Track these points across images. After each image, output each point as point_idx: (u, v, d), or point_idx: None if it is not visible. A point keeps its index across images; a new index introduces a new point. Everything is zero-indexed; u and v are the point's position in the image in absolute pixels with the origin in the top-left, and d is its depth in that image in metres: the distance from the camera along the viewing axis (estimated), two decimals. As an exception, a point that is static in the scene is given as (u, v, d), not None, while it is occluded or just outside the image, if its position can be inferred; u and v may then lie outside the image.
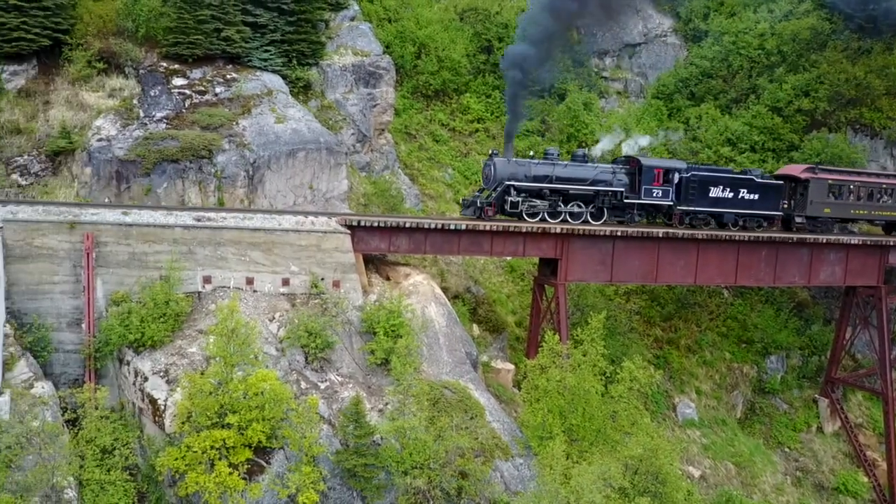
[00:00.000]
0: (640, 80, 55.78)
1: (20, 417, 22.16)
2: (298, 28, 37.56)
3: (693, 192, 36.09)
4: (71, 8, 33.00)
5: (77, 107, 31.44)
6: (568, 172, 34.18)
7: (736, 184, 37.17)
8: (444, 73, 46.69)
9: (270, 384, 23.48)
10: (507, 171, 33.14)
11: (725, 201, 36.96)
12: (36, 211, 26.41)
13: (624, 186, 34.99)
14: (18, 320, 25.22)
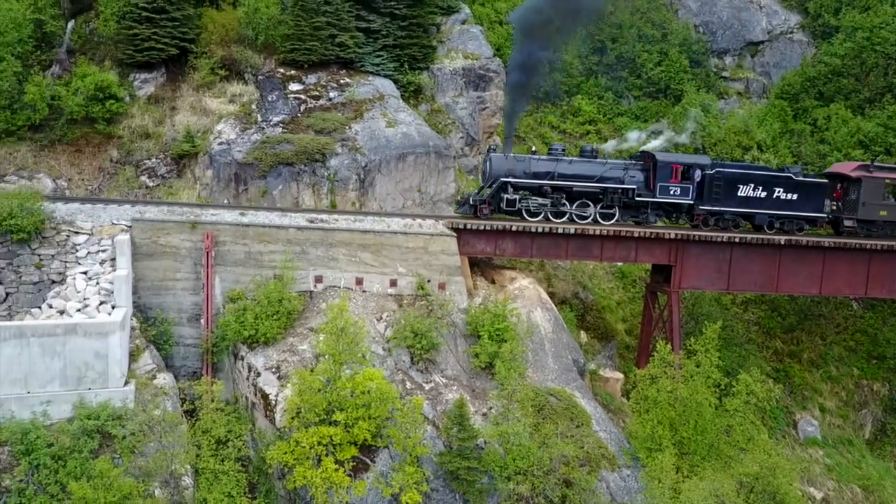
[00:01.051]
0: (762, 79, 53.19)
1: (143, 406, 23.46)
2: (410, 33, 38.10)
3: (718, 190, 33.31)
4: (197, 18, 34.83)
5: (200, 112, 33.12)
6: (572, 169, 32.35)
7: (770, 182, 33.91)
8: (556, 75, 46.15)
9: (377, 383, 23.81)
10: (504, 167, 31.78)
11: (757, 201, 33.79)
12: (161, 211, 27.95)
13: (637, 184, 32.76)
14: (144, 314, 26.75)
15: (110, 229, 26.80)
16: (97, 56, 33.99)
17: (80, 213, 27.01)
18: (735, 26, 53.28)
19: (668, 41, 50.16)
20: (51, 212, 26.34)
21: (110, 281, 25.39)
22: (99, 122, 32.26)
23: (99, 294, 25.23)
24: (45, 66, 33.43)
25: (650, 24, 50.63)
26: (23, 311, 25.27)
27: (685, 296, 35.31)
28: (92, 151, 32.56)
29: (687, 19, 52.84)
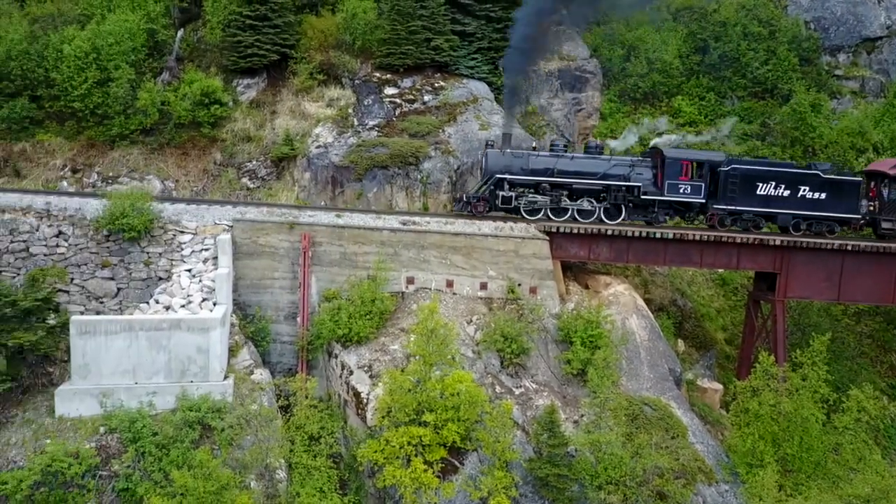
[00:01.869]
0: (879, 77, 50.12)
1: (241, 400, 24.40)
2: (505, 35, 38.04)
3: (734, 188, 31.27)
4: (297, 25, 35.99)
5: (299, 116, 34.19)
6: (573, 165, 31.07)
7: (794, 180, 31.61)
8: (655, 76, 45.06)
9: (466, 386, 23.85)
10: (500, 163, 30.70)
11: (779, 200, 31.55)
12: (261, 212, 28.97)
13: (644, 181, 31.24)
14: (243, 311, 27.80)
15: (213, 229, 28.00)
16: (203, 63, 35.65)
17: (186, 214, 28.34)
18: (850, 22, 50.50)
19: (776, 38, 48.06)
20: (159, 212, 27.77)
21: (212, 279, 26.54)
22: (204, 126, 33.79)
23: (201, 291, 26.40)
24: (156, 73, 35.32)
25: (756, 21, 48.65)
26: (132, 305, 26.75)
27: (791, 305, 33.68)
28: (197, 154, 34.14)
29: (797, 15, 50.48)
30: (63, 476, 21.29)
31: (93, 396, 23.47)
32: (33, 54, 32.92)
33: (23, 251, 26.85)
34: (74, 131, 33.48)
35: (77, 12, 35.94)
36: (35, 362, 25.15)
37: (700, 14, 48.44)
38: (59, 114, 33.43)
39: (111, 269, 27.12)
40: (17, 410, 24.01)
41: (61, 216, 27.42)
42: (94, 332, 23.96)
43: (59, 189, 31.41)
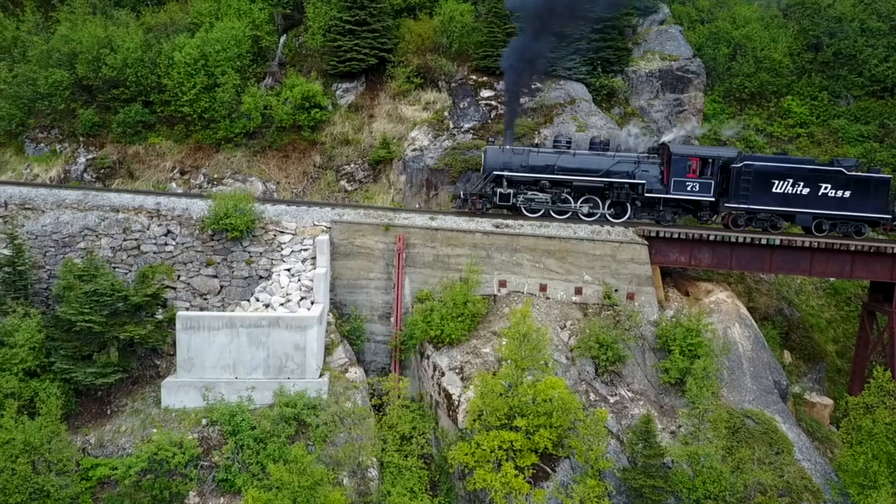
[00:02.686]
0: None
1: (336, 398, 24.91)
2: (605, 36, 37.43)
3: (747, 186, 29.76)
4: (395, 29, 36.54)
5: (396, 119, 34.68)
6: (576, 162, 30.21)
7: (814, 177, 29.75)
8: (763, 75, 43.21)
9: (559, 392, 23.52)
10: (499, 160, 30.23)
11: (797, 199, 29.83)
12: (358, 214, 29.55)
13: (650, 179, 30.13)
14: (339, 310, 28.41)
15: (312, 230, 28.76)
16: (304, 68, 36.70)
17: (286, 215, 29.23)
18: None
19: (898, 33, 45.25)
20: (261, 213, 28.77)
21: (310, 278, 27.25)
22: (304, 130, 34.78)
23: (300, 290, 27.15)
24: (259, 78, 36.62)
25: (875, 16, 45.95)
26: (234, 303, 27.79)
27: (911, 318, 31.51)
28: (298, 157, 35.16)
29: (921, 9, 47.34)
30: (168, 464, 22.32)
31: (196, 389, 24.52)
32: (147, 62, 34.75)
33: (134, 249, 28.37)
34: (183, 135, 35.14)
35: (188, 21, 37.73)
36: (144, 355, 26.52)
37: (813, 9, 46.11)
38: (169, 118, 35.17)
39: (215, 267, 28.27)
40: (126, 400, 25.38)
41: (170, 216, 28.81)
42: (199, 327, 25.03)
43: (169, 190, 33.01)
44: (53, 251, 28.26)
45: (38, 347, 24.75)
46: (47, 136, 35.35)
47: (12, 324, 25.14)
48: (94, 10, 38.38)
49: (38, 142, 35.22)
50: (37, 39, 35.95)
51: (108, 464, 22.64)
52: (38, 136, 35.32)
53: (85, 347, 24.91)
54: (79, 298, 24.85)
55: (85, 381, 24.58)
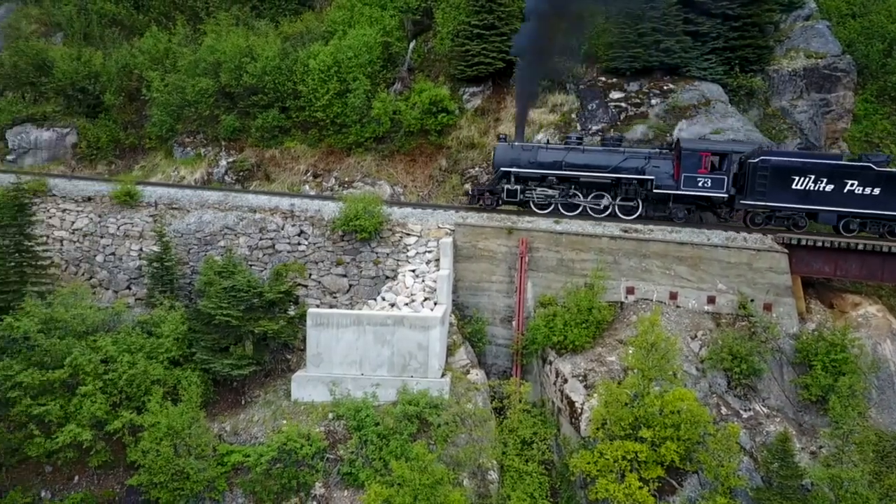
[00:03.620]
0: None
1: (457, 399, 25.20)
2: (743, 33, 35.86)
3: (763, 182, 28.41)
4: (523, 32, 36.59)
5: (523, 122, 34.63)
6: (583, 158, 29.99)
7: (839, 173, 28.05)
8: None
9: (688, 404, 22.76)
10: (508, 156, 30.47)
11: (821, 196, 28.26)
12: (481, 217, 29.79)
13: (659, 175, 29.41)
14: (461, 312, 28.74)
15: (436, 232, 29.28)
16: (433, 73, 37.42)
17: (412, 217, 29.91)
18: None
19: None
20: (388, 215, 29.61)
21: (434, 279, 27.73)
22: (431, 134, 35.44)
23: (424, 291, 27.68)
24: (389, 83, 37.67)
25: None
26: (361, 301, 28.71)
27: None
28: (424, 161, 35.89)
29: None
30: (296, 455, 23.33)
31: (324, 384, 25.50)
32: (284, 69, 36.54)
33: (269, 248, 29.90)
34: (316, 139, 36.67)
35: (322, 29, 39.38)
36: (276, 349, 27.87)
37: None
38: (303, 123, 36.80)
39: (344, 266, 29.33)
40: (259, 392, 26.76)
41: (303, 217, 30.17)
42: (328, 324, 26.02)
43: (302, 192, 34.53)
44: (196, 248, 30.24)
45: (181, 338, 26.56)
46: (193, 140, 37.86)
47: (159, 315, 27.11)
48: (237, 21, 40.75)
49: (185, 146, 37.79)
50: (186, 51, 38.60)
51: (242, 451, 23.93)
52: (185, 141, 37.90)
53: (223, 340, 26.49)
54: (218, 294, 26.48)
55: (222, 372, 26.16)
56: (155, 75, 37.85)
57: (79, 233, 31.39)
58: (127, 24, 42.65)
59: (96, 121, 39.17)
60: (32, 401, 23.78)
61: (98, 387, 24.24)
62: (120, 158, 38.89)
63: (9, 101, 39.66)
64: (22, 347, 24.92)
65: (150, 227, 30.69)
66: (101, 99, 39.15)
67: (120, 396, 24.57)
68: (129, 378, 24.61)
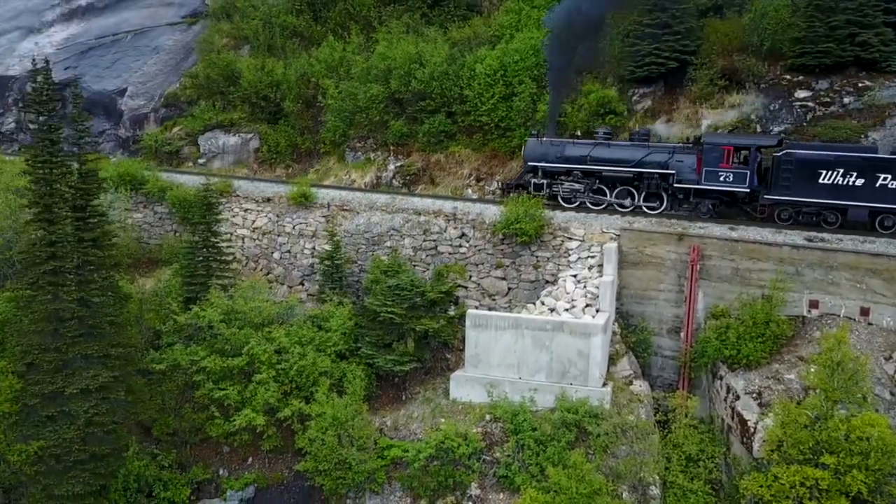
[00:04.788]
0: None
1: (618, 409, 24.59)
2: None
3: (788, 176, 27.75)
4: (699, 30, 35.20)
5: (696, 124, 33.31)
6: (609, 153, 30.82)
7: (869, 167, 26.91)
8: None
9: (880, 431, 20.81)
10: (537, 151, 31.94)
11: (850, 190, 27.28)
12: (650, 222, 28.95)
13: (683, 169, 29.65)
14: (625, 321, 28.04)
15: (600, 237, 28.80)
16: (601, 74, 36.87)
17: (575, 221, 29.62)
18: None
19: None
20: (549, 218, 29.53)
21: (596, 286, 27.25)
22: (598, 137, 34.93)
23: (585, 297, 27.27)
24: (556, 86, 37.57)
25: None
26: (520, 305, 28.78)
27: None
28: (590, 164, 35.40)
29: None
30: (453, 454, 23.74)
31: (481, 385, 25.77)
32: (451, 75, 37.45)
33: (432, 249, 30.72)
34: (480, 143, 37.24)
35: (490, 34, 39.98)
36: (436, 348, 28.56)
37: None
38: (468, 128, 37.51)
39: (503, 269, 29.54)
40: (419, 389, 27.52)
41: (465, 219, 30.75)
42: (486, 325, 26.29)
43: (465, 195, 35.17)
44: (364, 248, 31.65)
45: (348, 333, 27.92)
46: (364, 145, 39.69)
47: (329, 311, 28.65)
48: (408, 29, 42.26)
49: (356, 150, 39.69)
50: (359, 59, 40.57)
51: (401, 446, 24.70)
52: (356, 146, 39.82)
53: (386, 336, 27.52)
54: (383, 292, 27.57)
55: (385, 367, 27.18)
56: (330, 83, 40.07)
57: (258, 231, 33.81)
58: (306, 36, 45.45)
59: (276, 127, 42.06)
60: (214, 385, 25.98)
61: (271, 375, 26.01)
62: (297, 162, 41.47)
63: (202, 109, 43.46)
64: (206, 335, 27.25)
65: (322, 227, 32.49)
66: (281, 106, 41.99)
67: (290, 385, 26.18)
68: (299, 369, 26.19)
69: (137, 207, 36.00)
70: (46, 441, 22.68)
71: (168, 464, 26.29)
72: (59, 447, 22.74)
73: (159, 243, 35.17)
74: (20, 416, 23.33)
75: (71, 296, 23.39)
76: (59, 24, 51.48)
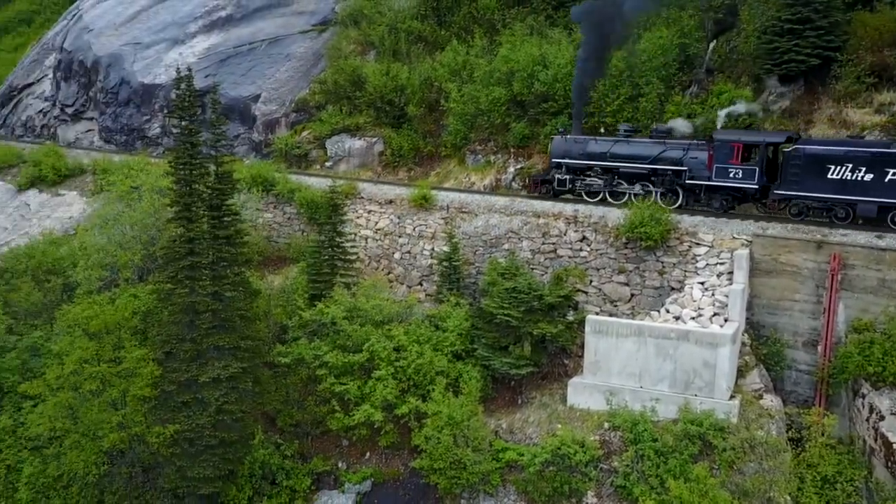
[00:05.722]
0: None
1: (746, 424, 23.54)
2: None
3: (797, 171, 28.07)
4: (845, 24, 33.17)
5: (839, 124, 31.39)
6: (626, 149, 32.08)
7: (878, 162, 26.72)
8: None
9: None
10: (561, 148, 33.52)
11: (858, 185, 27.13)
12: (785, 228, 27.53)
13: (696, 165, 30.53)
14: (756, 332, 26.79)
15: (730, 243, 27.67)
16: (734, 73, 35.44)
17: (703, 226, 28.60)
18: None
19: None
20: (676, 223, 28.64)
21: (725, 294, 26.20)
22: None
23: (713, 305, 26.28)
24: (684, 86, 36.41)
25: None
26: (643, 312, 28.05)
27: None
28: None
29: None
30: (569, 460, 23.46)
31: (600, 392, 25.34)
32: (576, 76, 37.14)
33: (551, 252, 30.49)
34: (604, 146, 36.68)
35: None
36: (554, 353, 28.31)
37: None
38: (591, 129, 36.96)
39: (626, 275, 28.91)
40: (535, 393, 27.36)
41: (586, 223, 30.34)
42: (606, 332, 25.86)
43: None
44: (482, 250, 31.82)
45: (464, 334, 28.16)
46: (484, 148, 39.92)
47: (446, 311, 29.03)
48: (531, 31, 42.18)
49: (477, 153, 39.98)
50: (482, 62, 40.84)
51: (516, 449, 24.66)
52: (476, 148, 40.11)
53: (503, 339, 27.53)
54: (500, 294, 27.63)
55: (501, 370, 27.21)
56: (453, 86, 40.58)
57: (380, 232, 34.69)
58: (430, 40, 46.23)
59: (400, 131, 42.99)
60: (335, 380, 26.88)
61: (390, 373, 26.62)
62: (418, 165, 42.24)
63: (329, 113, 45.07)
64: (329, 331, 28.24)
65: (441, 229, 32.94)
66: (404, 110, 42.90)
67: (408, 383, 26.70)
68: (416, 367, 26.67)
69: (268, 207, 37.73)
70: (181, 425, 24.15)
71: (290, 454, 27.39)
72: (192, 431, 24.18)
73: (287, 242, 36.71)
74: (158, 400, 24.93)
75: (206, 290, 24.83)
76: (202, 35, 54.74)
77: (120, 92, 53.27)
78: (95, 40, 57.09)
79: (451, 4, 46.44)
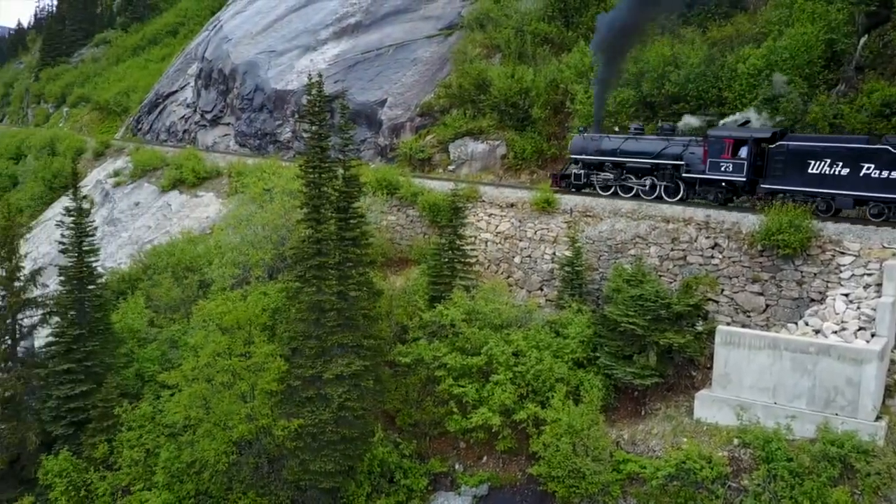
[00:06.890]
0: None
1: (894, 448, 21.99)
2: None
3: (780, 166, 29.40)
4: None
5: None
6: (634, 146, 34.08)
7: (854, 157, 27.64)
8: None
9: None
10: (579, 146, 35.77)
11: (835, 179, 28.30)
12: (944, 237, 25.61)
13: (694, 160, 32.33)
14: (912, 350, 24.99)
15: (879, 253, 26.02)
16: (888, 70, 33.29)
17: (849, 234, 27.01)
18: None
19: None
20: (818, 230, 27.18)
21: (873, 307, 24.64)
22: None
23: (858, 319, 24.76)
24: (830, 85, 34.50)
25: None
26: (779, 324, 26.79)
27: None
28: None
29: None
30: (694, 476, 22.74)
31: (730, 407, 24.39)
32: (709, 76, 35.92)
33: (680, 259, 29.64)
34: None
35: (755, 31, 37.74)
36: (680, 363, 27.48)
37: None
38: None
39: (761, 284, 27.69)
40: (660, 405, 26.68)
41: (718, 229, 29.29)
42: (738, 344, 24.87)
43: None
44: (606, 256, 31.36)
45: (586, 341, 27.84)
46: (611, 151, 39.38)
47: (567, 317, 28.81)
48: (662, 30, 41.21)
49: (603, 156, 39.47)
50: (610, 63, 40.30)
51: (638, 461, 24.11)
52: (602, 151, 39.61)
53: (626, 348, 27.02)
54: (625, 301, 27.13)
55: (624, 379, 26.71)
56: (579, 88, 40.24)
57: (501, 235, 34.84)
58: (556, 42, 46.07)
59: (523, 133, 43.00)
60: (454, 381, 27.25)
61: (508, 377, 26.71)
62: (541, 168, 42.11)
63: (453, 117, 45.73)
64: (448, 333, 28.69)
65: (563, 233, 32.70)
66: (528, 113, 42.89)
67: (527, 389, 26.69)
68: (535, 373, 26.62)
69: (392, 210, 38.71)
70: (305, 420, 25.15)
71: (409, 453, 27.95)
72: (315, 426, 25.14)
73: (410, 244, 37.53)
74: (284, 395, 26.07)
75: (332, 289, 25.80)
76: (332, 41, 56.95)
77: (254, 98, 56.29)
78: (233, 49, 60.59)
79: (578, 5, 46.22)
